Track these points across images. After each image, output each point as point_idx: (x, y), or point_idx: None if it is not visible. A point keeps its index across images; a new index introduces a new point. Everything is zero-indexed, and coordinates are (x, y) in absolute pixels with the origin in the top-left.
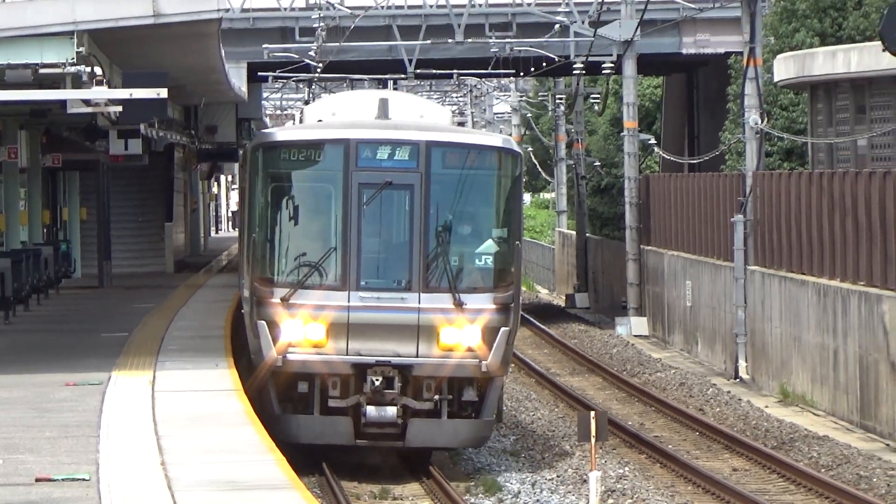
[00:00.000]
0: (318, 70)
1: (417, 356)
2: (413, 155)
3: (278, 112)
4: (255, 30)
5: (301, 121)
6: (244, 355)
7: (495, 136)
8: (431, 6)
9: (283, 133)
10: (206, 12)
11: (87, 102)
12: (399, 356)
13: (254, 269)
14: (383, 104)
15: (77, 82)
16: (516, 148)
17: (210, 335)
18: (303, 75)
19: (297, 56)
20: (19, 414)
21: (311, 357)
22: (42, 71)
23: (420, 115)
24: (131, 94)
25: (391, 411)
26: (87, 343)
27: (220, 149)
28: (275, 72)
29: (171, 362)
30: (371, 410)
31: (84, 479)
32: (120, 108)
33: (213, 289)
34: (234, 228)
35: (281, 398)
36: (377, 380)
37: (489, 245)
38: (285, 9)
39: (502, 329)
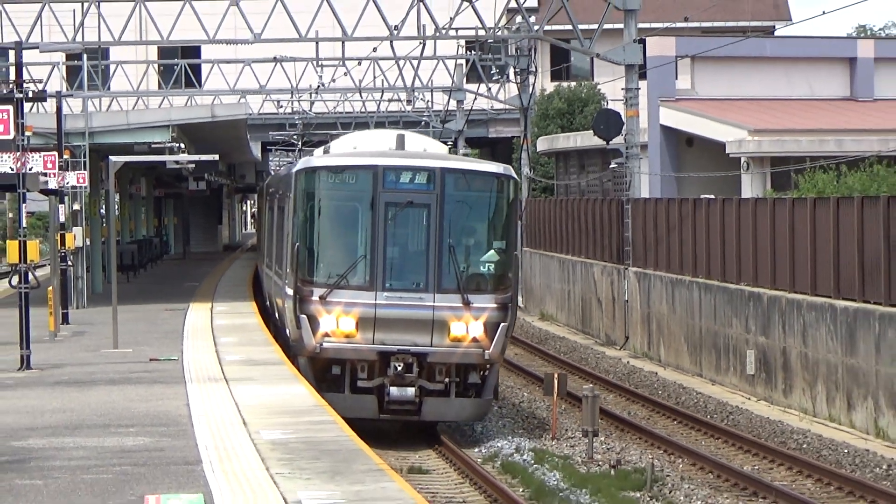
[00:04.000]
0: (300, 145)
1: (431, 346)
2: (430, 179)
3: (278, 168)
4: (265, 124)
5: (325, 152)
6: (259, 295)
7: (497, 164)
8: (358, 112)
9: (322, 160)
10: (240, 115)
11: (176, 162)
12: (416, 345)
13: (297, 272)
14: (400, 139)
15: (171, 151)
16: (514, 175)
17: (240, 284)
18: (289, 148)
19: (287, 138)
20: (141, 326)
21: (343, 345)
22: (153, 146)
23: (424, 148)
24: (199, 158)
25: (410, 391)
26: (177, 288)
27: (247, 187)
28: (276, 146)
29: (221, 298)
30: (394, 391)
31: (174, 359)
32: (194, 165)
33: (242, 260)
34: (254, 229)
35: (317, 379)
36: (399, 365)
37: (491, 254)
38: (282, 113)
39: (502, 324)
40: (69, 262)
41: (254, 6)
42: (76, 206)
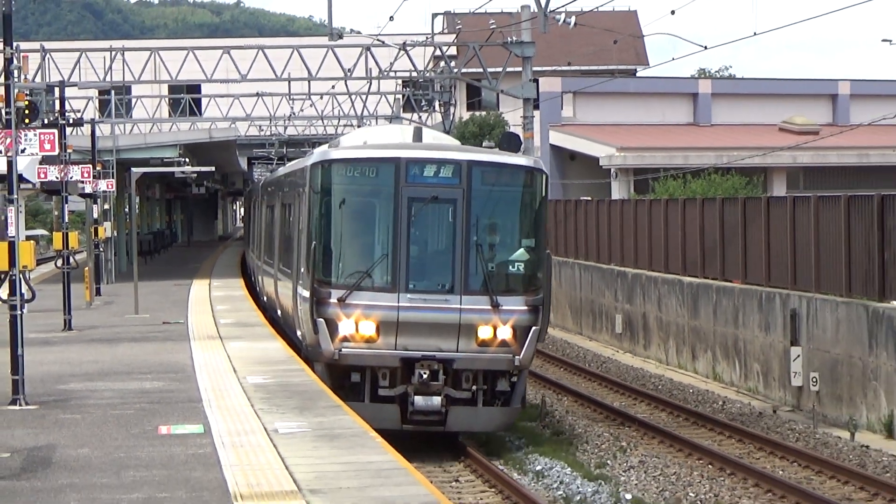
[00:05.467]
0: (276, 159)
1: (458, 351)
2: (456, 172)
3: (260, 178)
4: (250, 143)
5: (332, 147)
6: (247, 273)
7: (526, 156)
8: (321, 135)
9: (340, 152)
10: (231, 137)
11: (182, 172)
12: (442, 351)
13: (313, 272)
14: (418, 131)
15: (178, 164)
16: (544, 168)
17: (231, 265)
18: (268, 161)
19: (267, 154)
20: (156, 297)
21: (363, 351)
22: (165, 160)
23: (436, 141)
24: (200, 169)
25: (436, 401)
26: (182, 268)
27: (236, 191)
28: (258, 160)
29: (217, 276)
30: (419, 400)
31: (181, 322)
32: (196, 175)
33: (233, 248)
34: (241, 223)
35: (336, 386)
36: (424, 372)
37: (521, 253)
38: (263, 135)
39: (532, 328)
40: (101, 249)
41: (241, 54)
42: (106, 206)
